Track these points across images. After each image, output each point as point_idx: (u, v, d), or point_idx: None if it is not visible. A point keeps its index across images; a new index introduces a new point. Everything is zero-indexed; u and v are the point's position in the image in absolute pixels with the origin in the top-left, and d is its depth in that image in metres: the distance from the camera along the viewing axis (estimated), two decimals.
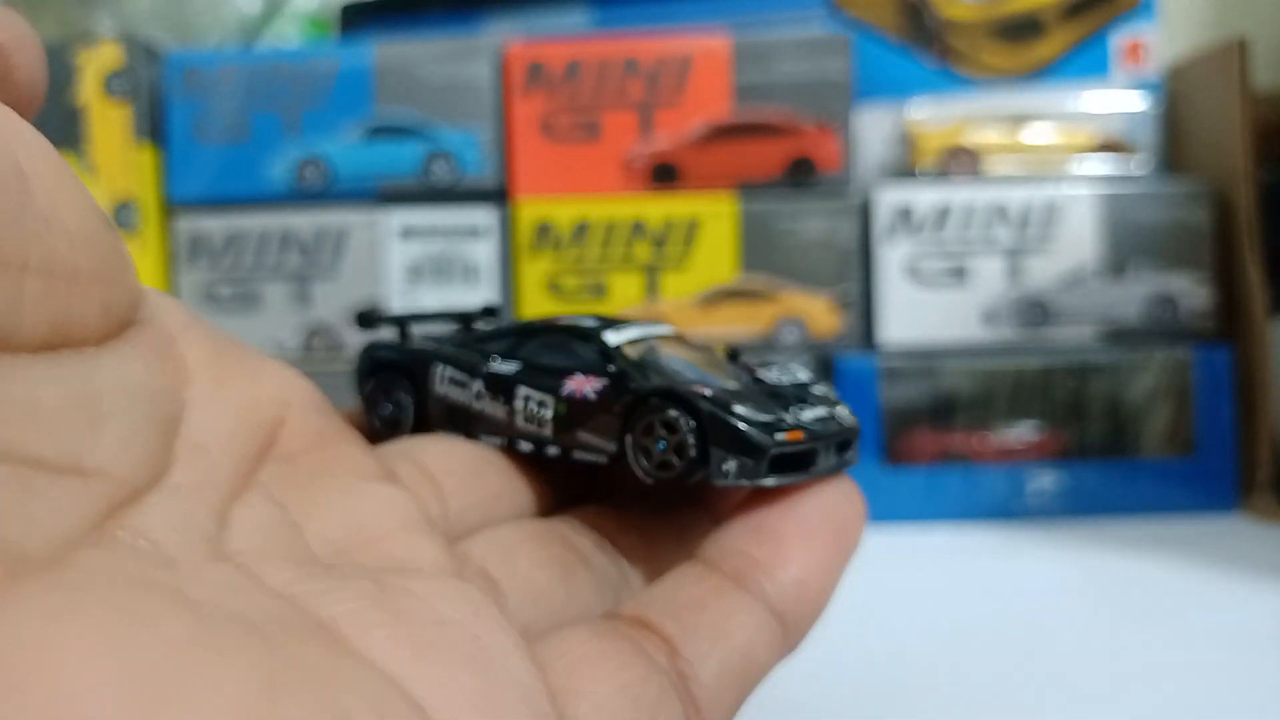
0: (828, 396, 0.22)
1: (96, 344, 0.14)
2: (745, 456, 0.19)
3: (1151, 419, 0.54)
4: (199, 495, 0.15)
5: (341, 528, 0.17)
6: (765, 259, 0.55)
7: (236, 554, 0.14)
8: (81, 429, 0.13)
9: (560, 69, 0.55)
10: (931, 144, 0.57)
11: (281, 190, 0.55)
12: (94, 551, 0.11)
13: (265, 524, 0.16)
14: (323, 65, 0.55)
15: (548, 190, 0.55)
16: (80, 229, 0.13)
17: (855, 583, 0.44)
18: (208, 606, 0.12)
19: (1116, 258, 0.55)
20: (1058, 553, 0.48)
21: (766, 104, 0.55)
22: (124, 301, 0.15)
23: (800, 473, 0.20)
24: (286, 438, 0.18)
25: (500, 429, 0.22)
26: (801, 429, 0.20)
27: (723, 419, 0.19)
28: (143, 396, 0.14)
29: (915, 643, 0.37)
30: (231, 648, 0.11)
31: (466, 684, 0.14)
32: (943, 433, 0.54)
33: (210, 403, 0.16)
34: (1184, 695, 0.32)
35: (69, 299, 0.13)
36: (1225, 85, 0.55)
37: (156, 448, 0.14)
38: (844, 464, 0.21)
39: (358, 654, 0.13)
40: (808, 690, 0.33)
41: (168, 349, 0.16)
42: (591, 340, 0.22)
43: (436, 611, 0.15)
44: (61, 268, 0.13)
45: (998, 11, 0.61)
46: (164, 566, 0.12)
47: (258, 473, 0.17)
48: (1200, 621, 0.39)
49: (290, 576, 0.14)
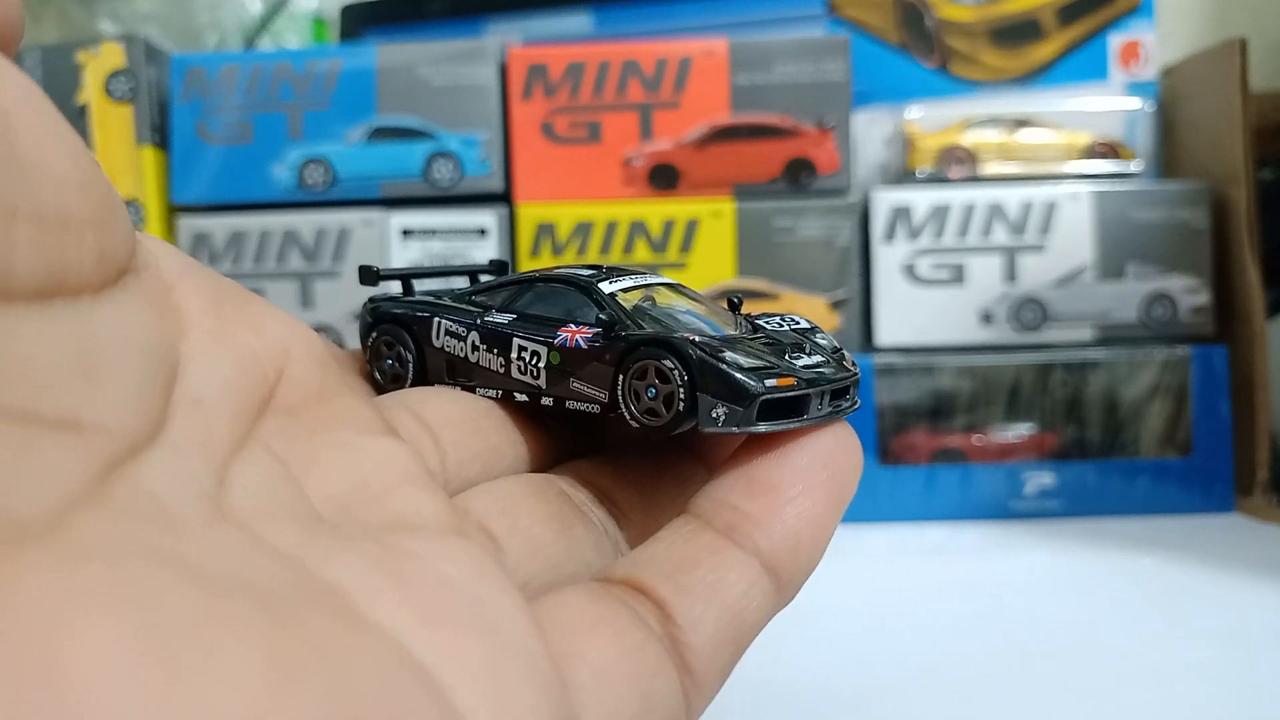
0: (829, 344, 0.22)
1: (94, 292, 0.13)
2: (734, 403, 0.19)
3: (1148, 419, 0.54)
4: (198, 450, 0.14)
5: (343, 483, 0.17)
6: (764, 259, 0.55)
7: (237, 512, 0.14)
8: (79, 383, 0.12)
9: (561, 71, 0.55)
10: (929, 145, 0.58)
11: (284, 191, 0.56)
12: (94, 514, 0.11)
13: (266, 480, 0.15)
14: (325, 67, 0.56)
15: (549, 191, 0.55)
16: (70, 174, 0.13)
17: (854, 581, 0.44)
18: (214, 574, 0.11)
19: (1114, 258, 0.55)
20: (1054, 552, 0.48)
21: (765, 106, 0.55)
22: (119, 248, 0.14)
23: (793, 419, 0.19)
24: (286, 390, 0.17)
25: (496, 380, 0.22)
26: (793, 375, 0.20)
27: (712, 365, 0.19)
28: (140, 348, 0.14)
29: (913, 641, 0.38)
30: (240, 619, 0.11)
31: (473, 650, 0.14)
32: (940, 432, 0.54)
33: (208, 354, 0.16)
34: (1181, 694, 0.33)
35: (62, 246, 0.13)
36: (1223, 86, 0.55)
37: (155, 402, 0.14)
38: (841, 411, 0.20)
39: (365, 620, 0.13)
40: (806, 688, 0.33)
41: (165, 297, 0.16)
42: (586, 290, 0.22)
43: (441, 573, 0.15)
44: (52, 214, 0.12)
45: (995, 14, 0.61)
46: (167, 529, 0.12)
47: (258, 426, 0.16)
48: (1197, 620, 0.39)
49: (294, 537, 0.14)
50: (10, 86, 0.13)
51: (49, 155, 0.13)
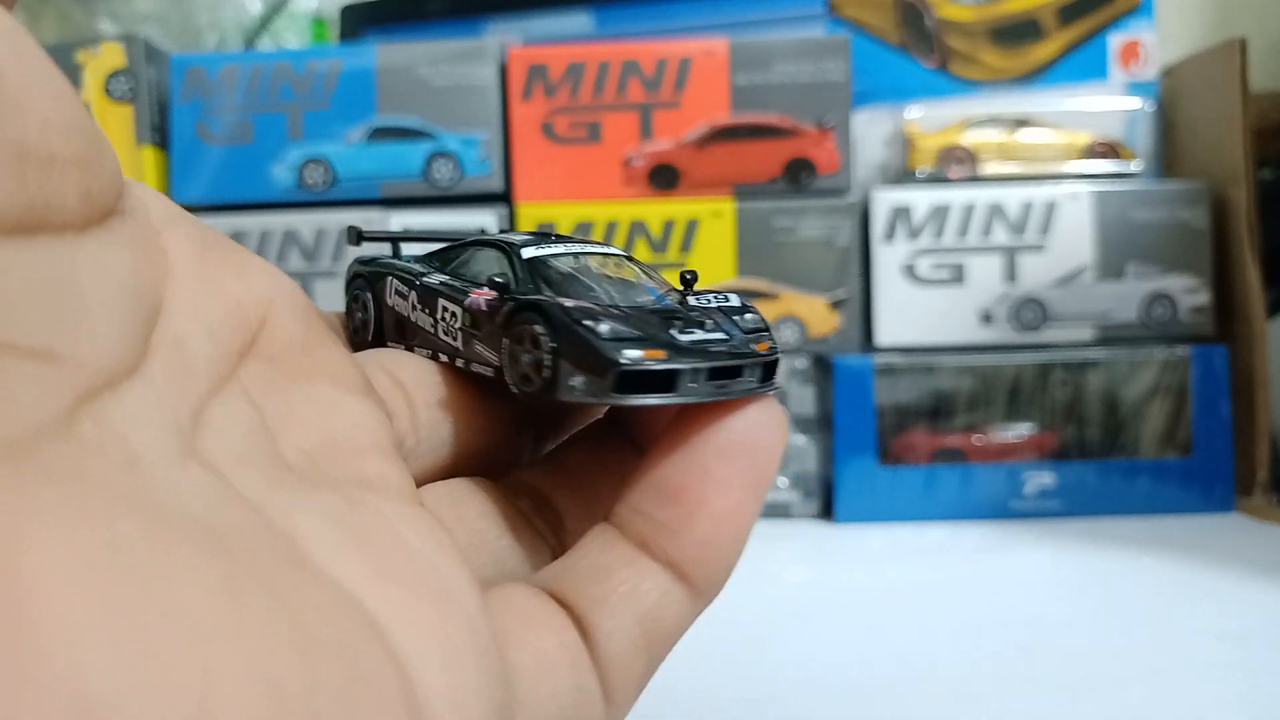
0: (749, 324, 0.20)
1: (77, 230, 0.13)
2: (592, 372, 0.18)
3: (1149, 419, 0.54)
4: (175, 389, 0.14)
5: (315, 438, 0.17)
6: (764, 259, 0.55)
7: (209, 452, 0.14)
8: (55, 314, 0.12)
9: (561, 71, 0.55)
10: (929, 145, 0.58)
11: (284, 191, 0.56)
12: (56, 446, 0.11)
13: (241, 424, 0.15)
14: (325, 67, 0.56)
15: (549, 191, 0.55)
16: (56, 115, 0.13)
17: (854, 581, 0.44)
18: (169, 509, 0.11)
19: (1114, 258, 0.55)
20: (1055, 552, 0.48)
21: (765, 106, 0.55)
22: (105, 188, 0.14)
23: (662, 394, 0.18)
24: (268, 338, 0.17)
25: (429, 341, 0.22)
26: (664, 347, 0.18)
27: (570, 330, 0.18)
28: (122, 286, 0.14)
29: (913, 641, 0.38)
30: (192, 550, 0.11)
31: (424, 611, 0.14)
32: (940, 432, 0.54)
33: (192, 297, 0.16)
34: (1181, 694, 0.33)
35: (44, 182, 0.13)
36: (1223, 85, 0.55)
37: (134, 339, 0.14)
38: (728, 391, 0.19)
39: (319, 569, 0.13)
40: (807, 688, 0.33)
41: (151, 241, 0.16)
42: (506, 252, 0.22)
43: (399, 536, 0.15)
44: (35, 151, 0.12)
45: (995, 13, 0.61)
46: (128, 465, 0.12)
47: (238, 370, 0.16)
48: (1197, 620, 0.39)
49: (259, 483, 0.14)
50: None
51: (33, 94, 0.13)
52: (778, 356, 0.20)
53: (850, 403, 0.54)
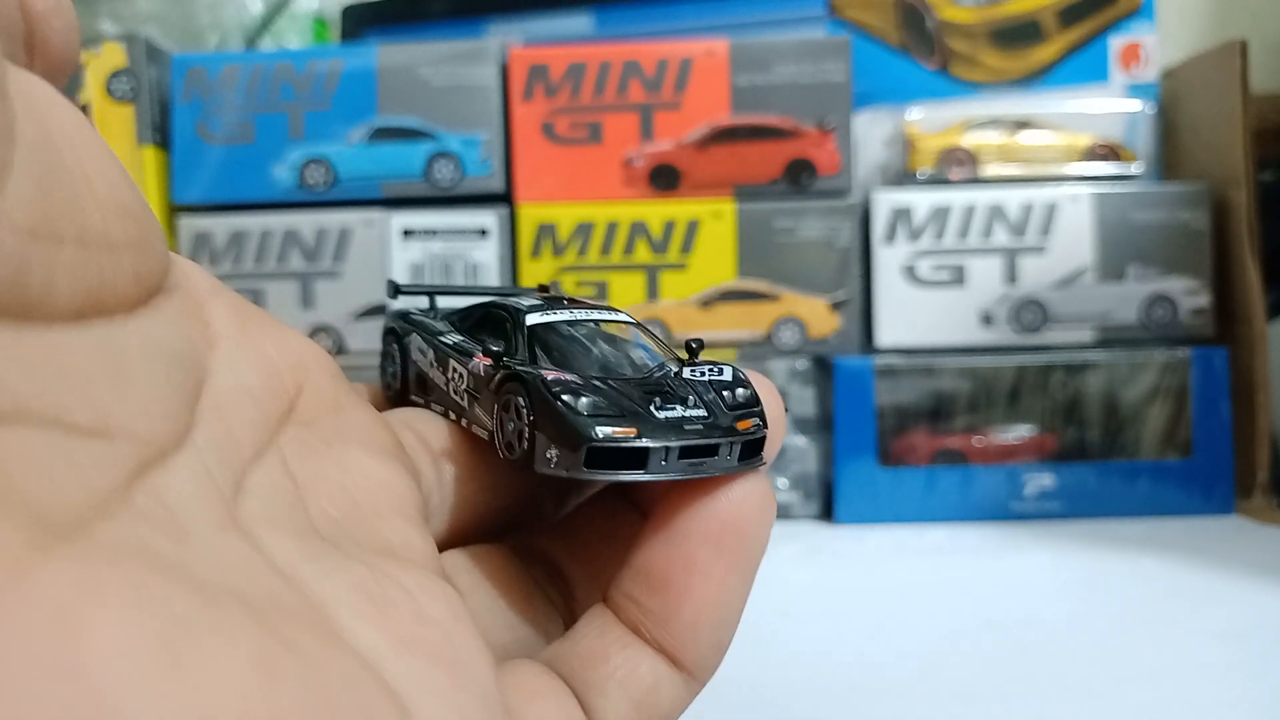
0: (736, 399, 0.20)
1: (127, 311, 0.14)
2: (565, 445, 0.18)
3: (1149, 420, 0.54)
4: (219, 457, 0.15)
5: (344, 503, 0.17)
6: (764, 260, 0.55)
7: (247, 521, 0.15)
8: (108, 391, 0.13)
9: (562, 72, 0.55)
10: (930, 147, 0.58)
11: (284, 191, 0.56)
12: (113, 523, 0.12)
13: (277, 492, 0.16)
14: (326, 67, 0.56)
15: (549, 192, 0.55)
16: (111, 199, 0.14)
17: (854, 583, 0.44)
18: (211, 582, 0.12)
19: (1114, 259, 0.55)
20: (1055, 554, 0.48)
21: (766, 107, 0.55)
22: (155, 269, 0.15)
23: (634, 470, 0.18)
24: (304, 403, 0.18)
25: (443, 398, 0.23)
26: (639, 423, 0.18)
27: (548, 403, 0.18)
28: (169, 360, 0.15)
29: (913, 642, 0.38)
30: (230, 624, 0.12)
31: (441, 681, 0.14)
32: (940, 433, 0.54)
33: (234, 367, 0.17)
34: (1182, 694, 0.33)
35: (102, 268, 0.13)
36: (1223, 87, 0.55)
37: (181, 410, 0.14)
38: (701, 470, 0.18)
39: (343, 638, 0.14)
40: (807, 689, 0.34)
41: (195, 313, 0.16)
42: (512, 318, 0.22)
43: (420, 606, 0.16)
44: (95, 238, 0.13)
45: (996, 15, 0.61)
46: (176, 537, 0.12)
47: (277, 436, 0.17)
48: (1197, 621, 0.39)
49: (292, 552, 0.15)
50: (62, 118, 0.13)
51: (94, 182, 0.13)
52: (761, 435, 0.19)
53: (850, 404, 0.54)
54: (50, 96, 0.13)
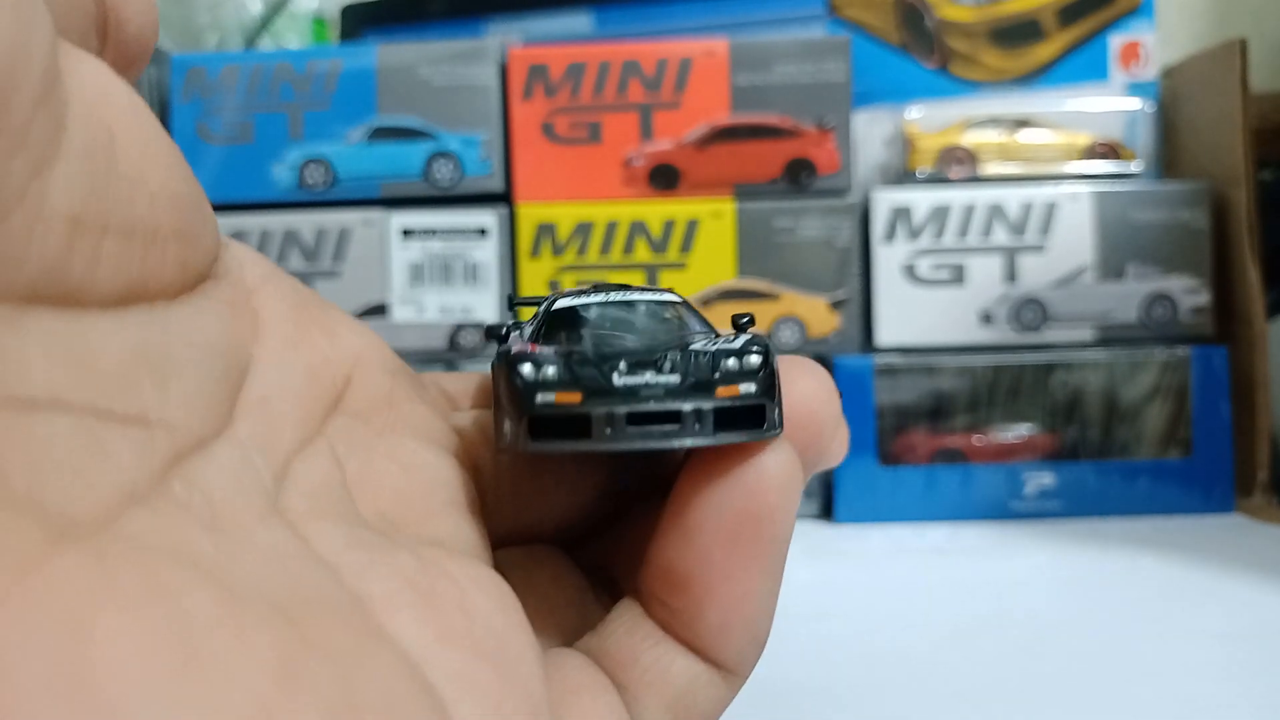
0: (727, 368, 0.17)
1: (169, 299, 0.14)
2: (513, 418, 0.17)
3: (1149, 419, 0.54)
4: (261, 448, 0.15)
5: (392, 493, 0.17)
6: (764, 260, 0.55)
7: (290, 510, 0.14)
8: (147, 380, 0.13)
9: (561, 71, 0.55)
10: (929, 146, 0.58)
11: (284, 191, 0.56)
12: (143, 513, 0.11)
13: (322, 482, 0.15)
14: (325, 67, 0.56)
15: (549, 191, 0.56)
16: (163, 189, 0.13)
17: (854, 582, 0.44)
18: (240, 579, 0.12)
19: (1114, 258, 0.55)
20: (1055, 553, 0.48)
21: (766, 106, 0.55)
22: (202, 258, 0.15)
23: (580, 440, 0.16)
24: (354, 394, 0.18)
25: None
26: (591, 391, 0.16)
27: (507, 376, 0.17)
28: (211, 349, 0.14)
29: (912, 641, 0.38)
30: (254, 624, 0.11)
31: (483, 677, 0.14)
32: (940, 432, 0.54)
33: (279, 357, 0.16)
34: (1181, 694, 0.33)
35: (146, 258, 0.13)
36: (1224, 86, 0.55)
37: (222, 401, 0.14)
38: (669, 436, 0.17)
39: (384, 634, 0.13)
40: (806, 688, 0.34)
41: (242, 302, 0.16)
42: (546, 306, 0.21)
43: (468, 599, 0.15)
44: (141, 228, 0.13)
45: (996, 14, 0.61)
46: (210, 530, 0.12)
47: (324, 427, 0.17)
48: (1197, 620, 0.39)
49: (337, 543, 0.14)
50: (121, 107, 0.13)
51: (147, 172, 0.13)
52: (751, 404, 0.17)
53: (850, 403, 0.54)
54: (111, 87, 0.13)
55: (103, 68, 0.13)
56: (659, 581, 0.18)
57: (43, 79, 0.12)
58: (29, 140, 0.11)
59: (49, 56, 0.12)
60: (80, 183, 0.12)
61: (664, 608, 0.18)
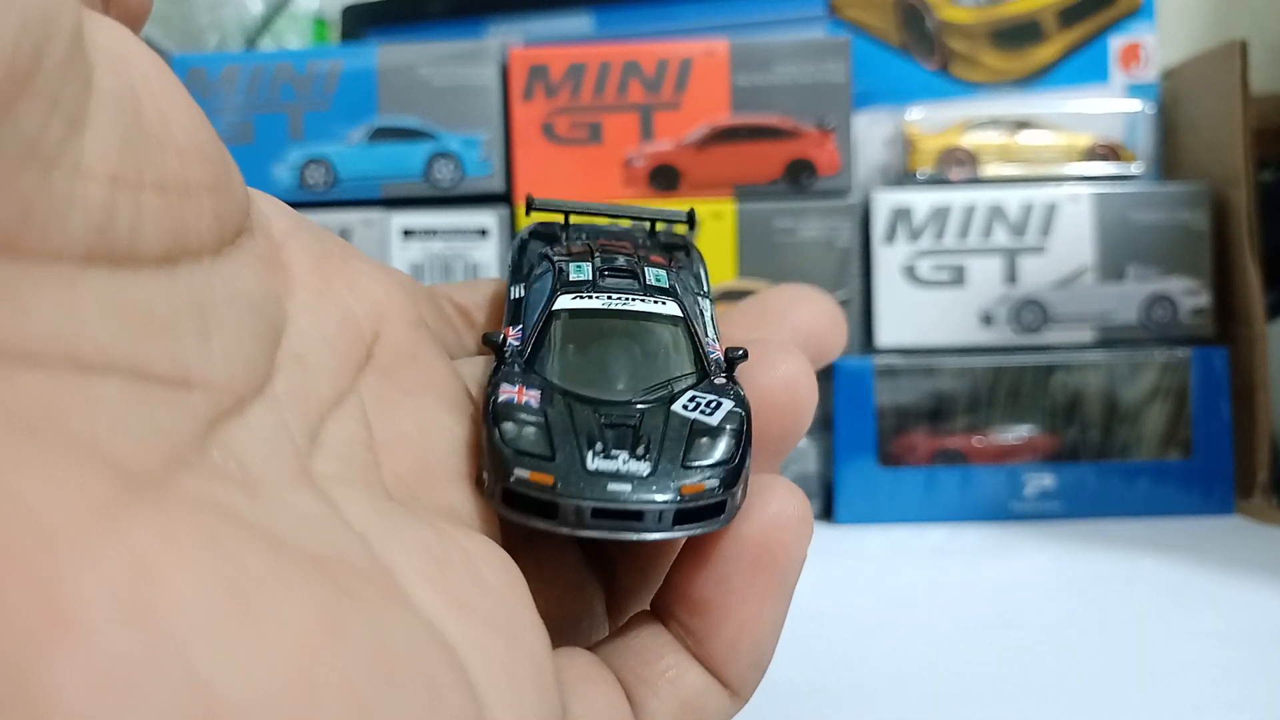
0: (697, 454, 0.18)
1: (212, 254, 0.14)
2: (492, 475, 0.18)
3: (1149, 420, 0.54)
4: (296, 407, 0.15)
5: (412, 463, 0.17)
6: (764, 260, 0.55)
7: (321, 475, 0.15)
8: (191, 338, 0.13)
9: (562, 72, 0.55)
10: (930, 147, 0.58)
11: (285, 191, 0.56)
12: (188, 476, 0.12)
13: (352, 445, 0.16)
14: (326, 67, 0.56)
15: (549, 191, 0.55)
16: (190, 144, 0.14)
17: (854, 582, 0.44)
18: (284, 538, 0.12)
19: (1114, 260, 0.55)
20: (1055, 554, 0.48)
21: (766, 107, 0.55)
22: (235, 210, 0.15)
23: (546, 519, 0.17)
24: (381, 350, 0.18)
25: None
26: (561, 473, 0.17)
27: (490, 428, 0.18)
28: (250, 306, 0.15)
29: (912, 642, 0.38)
30: (301, 580, 0.12)
31: (497, 646, 0.15)
32: (940, 433, 0.54)
33: (311, 313, 0.17)
34: (1181, 694, 0.33)
35: (183, 212, 0.13)
36: (1224, 87, 0.55)
37: (261, 359, 0.15)
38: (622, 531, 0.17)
39: (409, 598, 0.14)
40: (806, 688, 0.34)
41: (274, 256, 0.17)
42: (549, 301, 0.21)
43: (479, 572, 0.16)
44: (175, 182, 0.13)
45: (996, 15, 0.61)
46: (249, 493, 0.13)
47: (355, 384, 0.17)
48: (1197, 621, 0.39)
49: (365, 510, 0.15)
50: (142, 64, 0.13)
51: (172, 127, 0.14)
52: (715, 500, 0.18)
53: (850, 404, 0.54)
54: (128, 43, 0.13)
55: (120, 28, 0.14)
56: (677, 602, 0.19)
57: (70, 39, 0.12)
58: (61, 100, 0.11)
59: (75, 17, 0.12)
60: (113, 141, 0.12)
61: (680, 626, 0.19)
